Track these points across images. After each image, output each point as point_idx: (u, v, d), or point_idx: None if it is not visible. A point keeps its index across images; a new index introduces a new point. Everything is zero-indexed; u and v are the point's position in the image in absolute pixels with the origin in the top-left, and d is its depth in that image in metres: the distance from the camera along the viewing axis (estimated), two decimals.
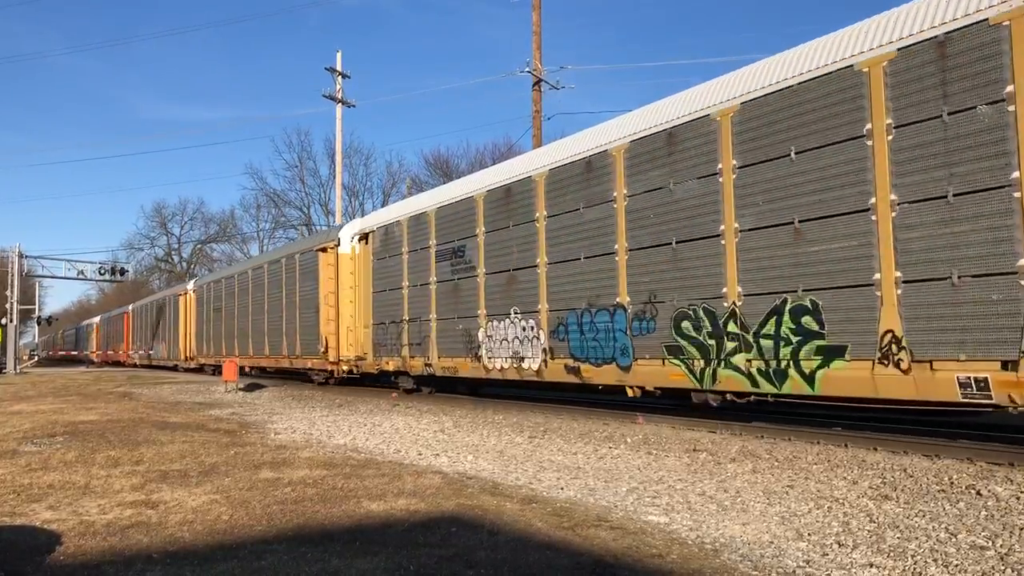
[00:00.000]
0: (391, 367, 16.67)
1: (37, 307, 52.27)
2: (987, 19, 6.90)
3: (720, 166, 9.33)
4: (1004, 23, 6.81)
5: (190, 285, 34.77)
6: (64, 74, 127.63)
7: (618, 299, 10.77)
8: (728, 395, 9.46)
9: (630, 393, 10.70)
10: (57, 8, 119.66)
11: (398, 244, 16.55)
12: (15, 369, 36.07)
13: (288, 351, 22.11)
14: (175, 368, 35.74)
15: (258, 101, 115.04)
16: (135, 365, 44.94)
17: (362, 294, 18.12)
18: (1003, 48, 6.78)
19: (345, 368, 18.41)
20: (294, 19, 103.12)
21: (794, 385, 8.44)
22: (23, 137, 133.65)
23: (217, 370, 28.34)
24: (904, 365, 7.38)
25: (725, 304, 9.24)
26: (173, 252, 77.27)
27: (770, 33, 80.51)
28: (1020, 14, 6.72)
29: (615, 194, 10.93)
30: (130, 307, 49.91)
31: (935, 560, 4.17)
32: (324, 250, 19.20)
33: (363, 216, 19.19)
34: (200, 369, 32.33)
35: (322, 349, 19.15)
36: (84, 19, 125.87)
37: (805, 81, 8.40)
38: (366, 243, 18.09)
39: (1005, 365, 6.71)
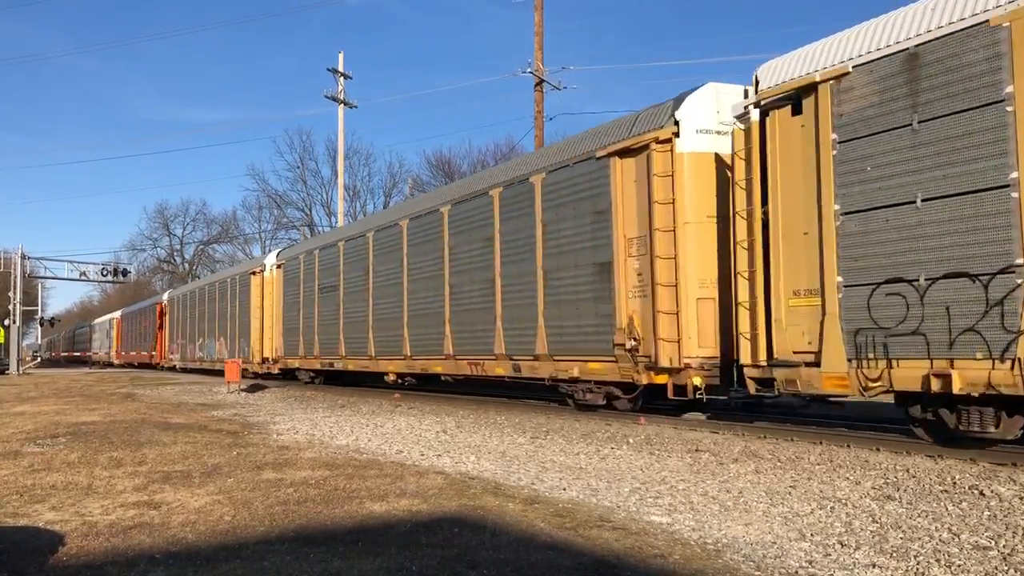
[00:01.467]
0: None
1: (40, 308, 52.06)
2: None
3: None
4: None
5: (270, 259, 25.15)
6: (67, 75, 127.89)
7: None
8: None
9: None
10: (59, 9, 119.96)
11: None
12: (18, 370, 36.12)
13: (510, 346, 12.94)
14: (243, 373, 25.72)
15: (260, 102, 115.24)
16: (175, 369, 36.82)
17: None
18: None
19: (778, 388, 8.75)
20: (297, 20, 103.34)
21: None
22: (26, 138, 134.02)
23: (320, 376, 22.12)
24: None
25: None
26: (175, 253, 77.33)
27: (774, 32, 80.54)
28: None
29: None
30: (165, 296, 41.46)
31: (938, 560, 4.17)
32: (663, 146, 10.19)
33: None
34: (291, 375, 23.46)
35: (627, 342, 10.40)
36: (87, 20, 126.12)
37: None
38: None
39: None
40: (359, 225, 21.83)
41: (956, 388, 7.08)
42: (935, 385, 7.24)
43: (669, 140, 10.15)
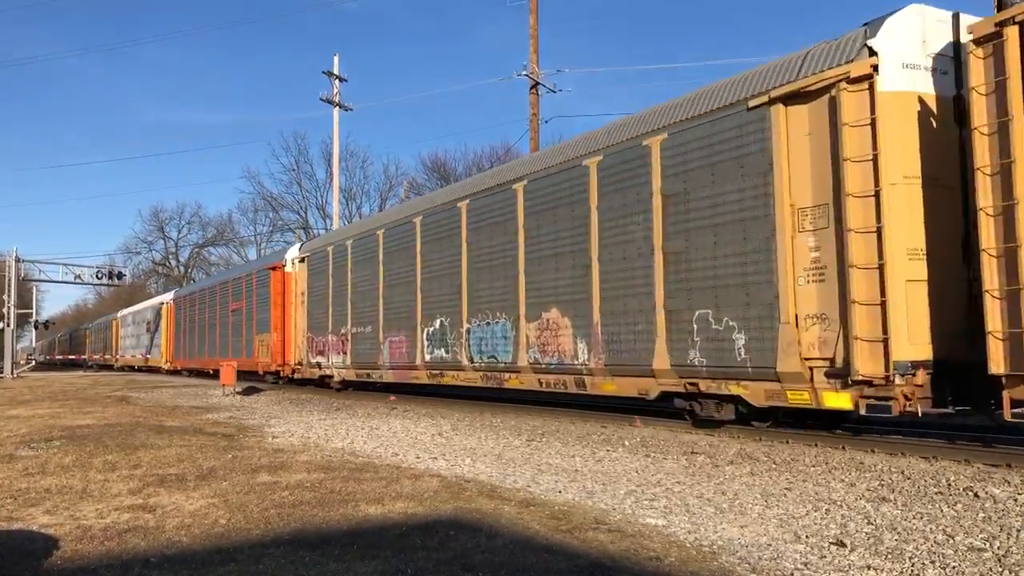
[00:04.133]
0: None
1: (34, 311, 51.76)
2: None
3: None
4: None
5: (892, 39, 7.77)
6: (62, 77, 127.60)
7: None
8: None
9: None
10: (55, 11, 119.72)
11: None
12: (12, 374, 35.99)
13: None
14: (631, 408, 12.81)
15: (256, 104, 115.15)
16: (324, 383, 20.24)
17: None
18: None
19: None
20: (293, 22, 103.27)
21: None
22: (21, 140, 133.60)
23: None
24: None
25: None
26: (170, 256, 77.23)
27: (772, 34, 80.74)
28: None
29: None
30: (292, 254, 22.38)
31: (933, 562, 4.18)
32: None
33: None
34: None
35: None
36: (83, 22, 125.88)
37: None
38: None
39: None
40: None
41: None
42: None
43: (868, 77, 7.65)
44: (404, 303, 15.88)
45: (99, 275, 41.35)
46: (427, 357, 14.93)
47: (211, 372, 29.41)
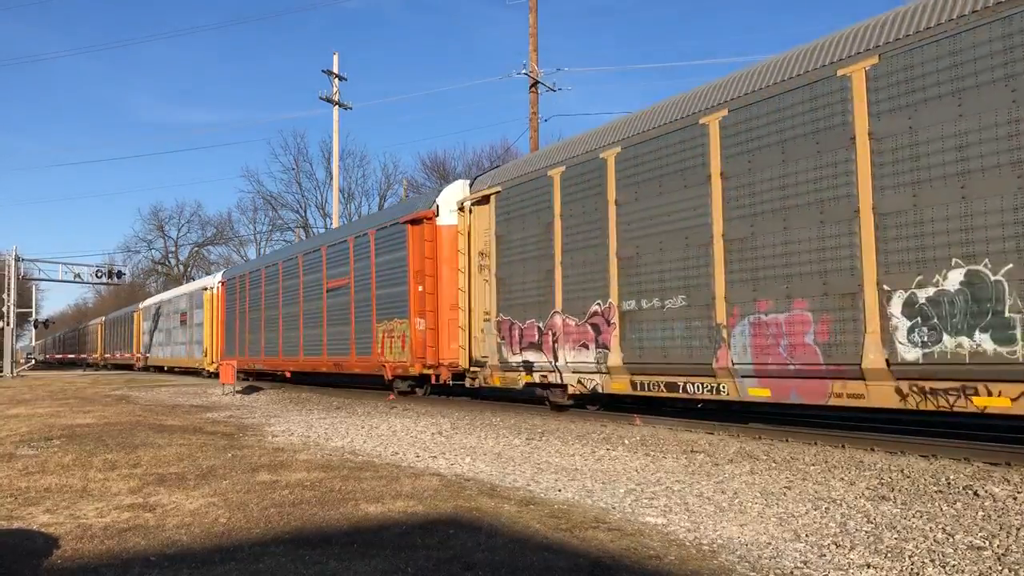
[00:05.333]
0: None
1: (34, 310, 51.57)
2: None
3: None
4: None
5: None
6: (63, 76, 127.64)
7: None
8: None
9: None
10: (56, 10, 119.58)
11: None
12: (12, 373, 35.97)
13: None
14: None
15: (256, 103, 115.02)
16: (565, 395, 12.24)
17: None
18: None
19: None
20: (293, 21, 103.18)
21: None
22: (21, 139, 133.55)
23: None
24: None
25: None
26: (170, 255, 77.19)
27: (769, 35, 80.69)
28: None
29: None
30: (466, 188, 14.77)
31: (932, 561, 4.18)
32: None
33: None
34: None
35: None
36: (84, 21, 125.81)
37: None
38: None
39: None
40: None
41: None
42: None
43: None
44: (803, 243, 8.33)
45: (98, 274, 41.27)
46: (906, 354, 7.34)
47: (287, 376, 22.69)
